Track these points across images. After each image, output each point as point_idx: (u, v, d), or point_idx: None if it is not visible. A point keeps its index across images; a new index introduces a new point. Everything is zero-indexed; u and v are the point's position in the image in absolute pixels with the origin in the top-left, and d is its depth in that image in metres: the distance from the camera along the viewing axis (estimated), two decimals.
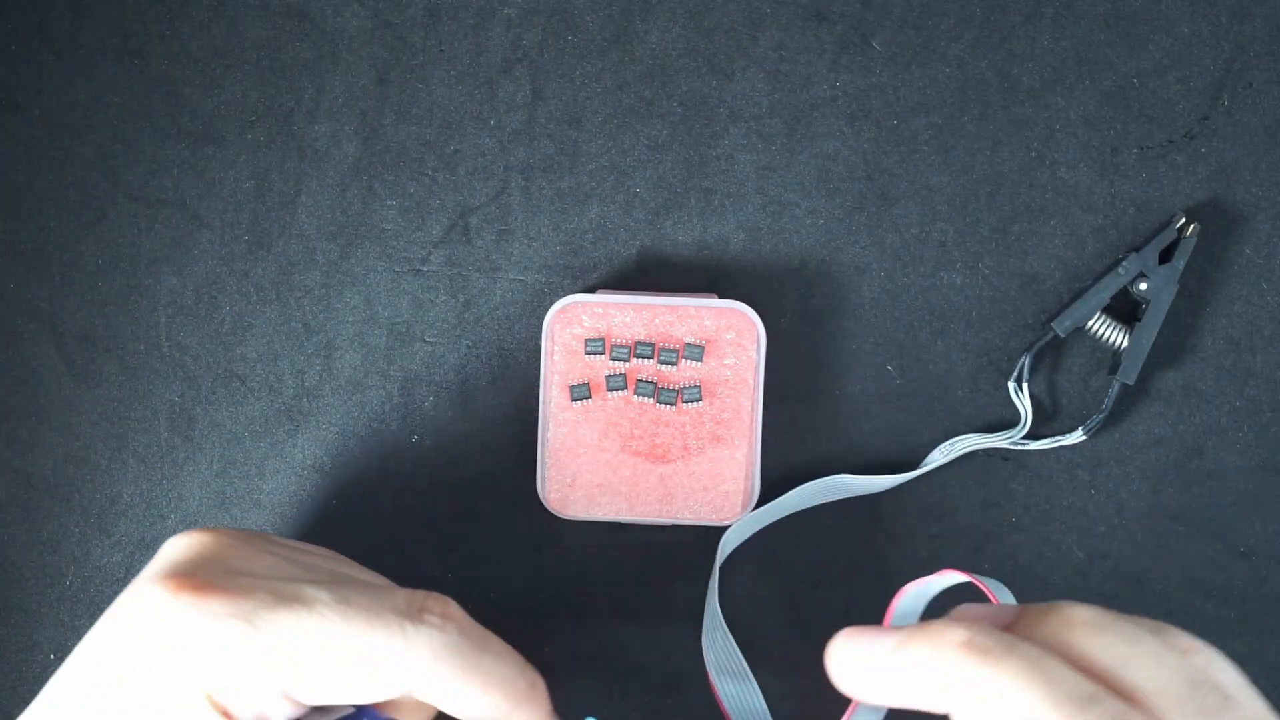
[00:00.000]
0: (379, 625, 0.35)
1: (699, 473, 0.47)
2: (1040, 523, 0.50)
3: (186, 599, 0.35)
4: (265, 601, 0.35)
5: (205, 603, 0.35)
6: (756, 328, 0.47)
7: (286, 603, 0.35)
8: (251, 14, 0.49)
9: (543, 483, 0.47)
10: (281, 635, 0.35)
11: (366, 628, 0.35)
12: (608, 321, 0.47)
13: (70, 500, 0.50)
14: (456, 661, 0.36)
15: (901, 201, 0.49)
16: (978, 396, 0.50)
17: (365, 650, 0.35)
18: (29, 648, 0.50)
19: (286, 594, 0.36)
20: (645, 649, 0.50)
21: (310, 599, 0.35)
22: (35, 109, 0.49)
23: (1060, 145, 0.49)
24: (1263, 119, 0.49)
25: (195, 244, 0.49)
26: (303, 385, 0.50)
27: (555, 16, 0.49)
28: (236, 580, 0.36)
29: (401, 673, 0.35)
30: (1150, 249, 0.48)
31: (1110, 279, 0.48)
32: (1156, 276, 0.48)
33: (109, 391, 0.50)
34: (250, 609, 0.35)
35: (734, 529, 0.48)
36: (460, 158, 0.49)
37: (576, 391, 0.47)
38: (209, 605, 0.35)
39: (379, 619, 0.35)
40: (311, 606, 0.35)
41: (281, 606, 0.35)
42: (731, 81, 0.49)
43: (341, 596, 0.36)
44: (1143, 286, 0.48)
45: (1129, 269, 0.48)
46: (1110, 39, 0.49)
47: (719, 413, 0.47)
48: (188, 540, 0.38)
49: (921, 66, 0.49)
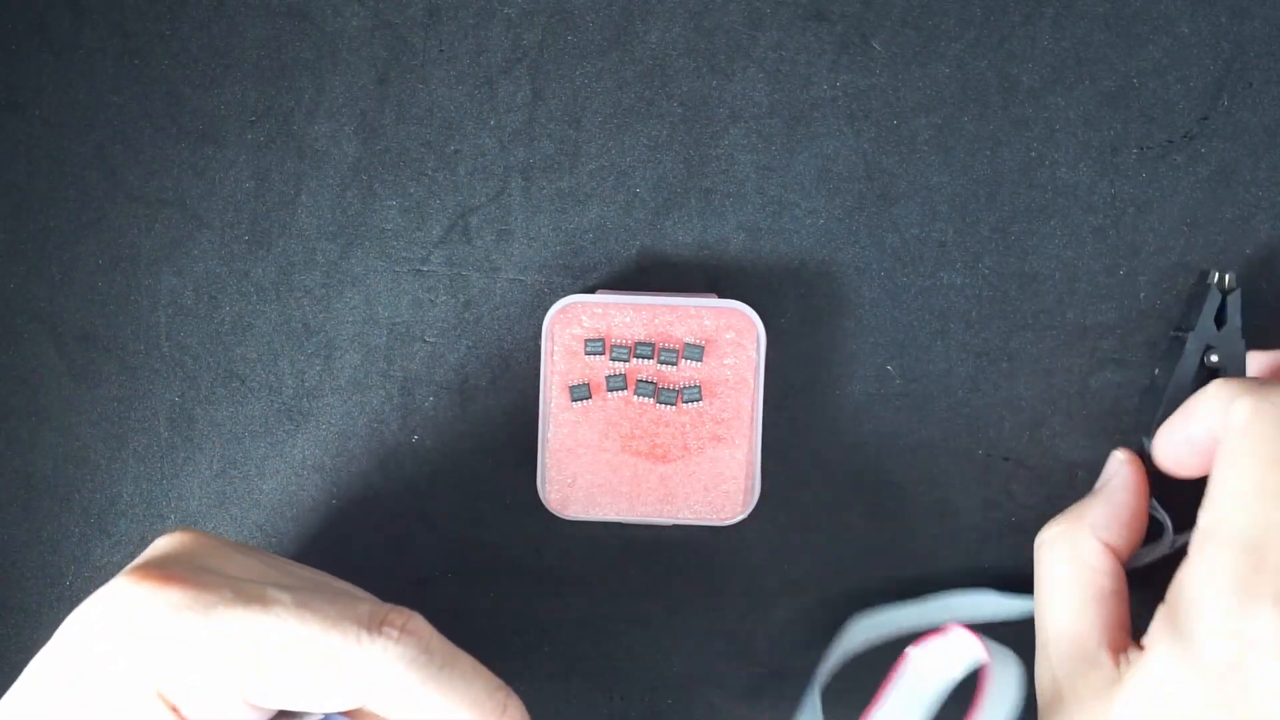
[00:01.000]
0: (334, 631, 0.35)
1: (699, 473, 0.47)
2: (1040, 523, 0.50)
3: (147, 588, 0.35)
4: (225, 598, 0.35)
5: (165, 593, 0.35)
6: (756, 327, 0.47)
7: (246, 601, 0.35)
8: (251, 14, 0.49)
9: (543, 483, 0.47)
10: (237, 632, 0.35)
11: (321, 632, 0.35)
12: (608, 322, 0.47)
13: (70, 500, 0.50)
14: (413, 676, 0.36)
15: (901, 201, 0.49)
16: (978, 396, 0.50)
17: (321, 655, 0.35)
18: (29, 648, 0.50)
19: (248, 593, 0.36)
20: (645, 650, 0.50)
21: (271, 599, 0.35)
22: (35, 109, 0.49)
23: (1060, 145, 0.49)
24: (1263, 119, 0.49)
25: (195, 244, 0.49)
26: (303, 385, 0.50)
27: (555, 16, 0.49)
28: (201, 575, 0.36)
29: (357, 682, 0.35)
30: (1203, 320, 0.47)
31: (1181, 368, 0.46)
32: (1223, 343, 0.47)
33: (109, 391, 0.50)
34: (209, 603, 0.35)
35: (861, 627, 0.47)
36: (460, 158, 0.49)
37: (576, 392, 0.47)
38: (168, 595, 0.35)
39: (335, 625, 0.35)
40: (270, 607, 0.35)
41: (240, 604, 0.35)
42: (731, 81, 0.49)
43: (302, 600, 0.36)
44: (1214, 358, 0.47)
45: (1195, 348, 0.47)
46: (1110, 39, 0.49)
47: (719, 412, 0.47)
48: (169, 538, 0.38)
49: (921, 66, 0.49)
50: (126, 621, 0.35)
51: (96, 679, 0.35)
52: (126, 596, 0.35)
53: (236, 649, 0.35)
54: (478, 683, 0.37)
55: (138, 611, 0.35)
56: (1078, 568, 0.43)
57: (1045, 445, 0.50)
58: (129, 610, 0.35)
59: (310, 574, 0.40)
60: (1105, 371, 0.50)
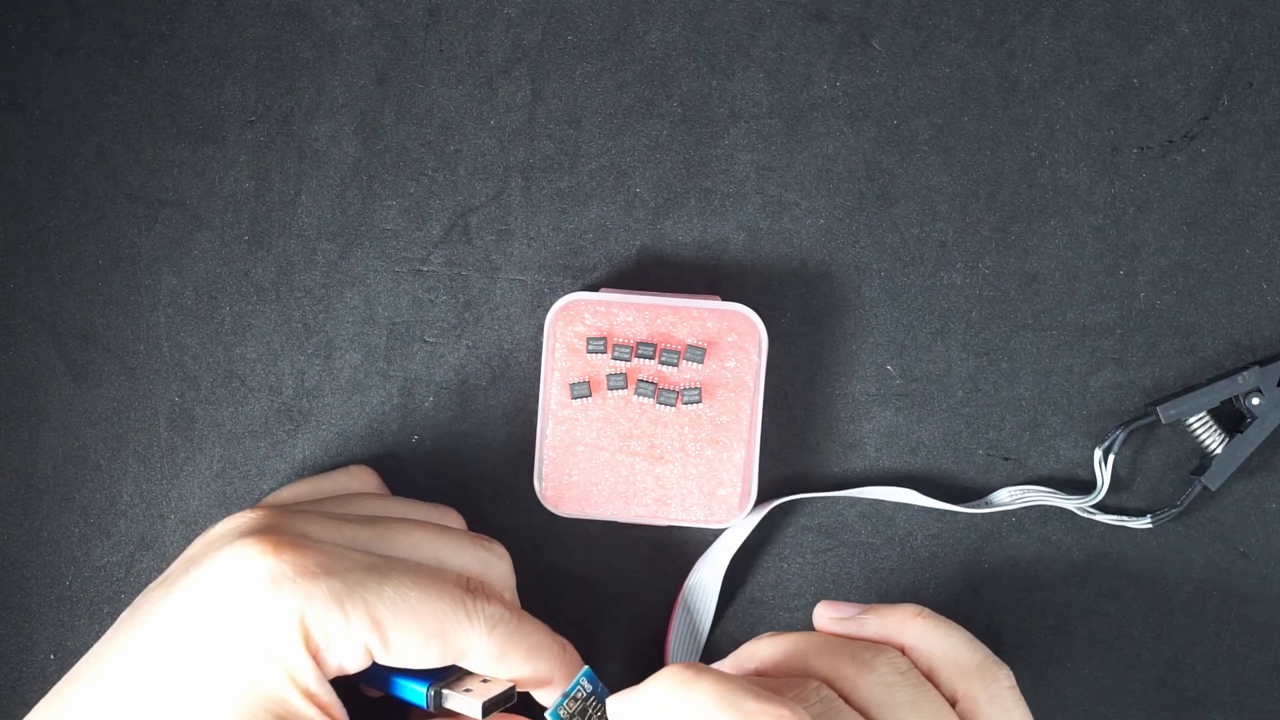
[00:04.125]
0: (445, 597, 0.40)
1: (696, 475, 0.47)
2: (1040, 523, 0.50)
3: (287, 556, 0.39)
4: (351, 565, 0.39)
5: (302, 559, 0.39)
6: (759, 331, 0.47)
7: (368, 570, 0.39)
8: (251, 14, 0.49)
9: (540, 478, 0.47)
10: (368, 597, 0.39)
11: (435, 598, 0.40)
12: (610, 320, 0.47)
13: (70, 500, 0.50)
14: (504, 632, 0.41)
15: (901, 201, 0.49)
16: (978, 396, 0.50)
17: (432, 617, 0.39)
18: (29, 648, 0.50)
19: (364, 562, 0.40)
20: (644, 647, 0.50)
21: (387, 568, 0.40)
22: (35, 109, 0.49)
23: (1060, 145, 0.49)
24: (1263, 119, 0.49)
25: (195, 244, 0.49)
26: (303, 385, 0.50)
27: (555, 16, 0.49)
28: (318, 544, 0.40)
29: (458, 640, 0.40)
30: (1273, 370, 0.48)
31: (1226, 384, 0.48)
32: (1270, 397, 0.47)
33: (109, 391, 0.50)
34: (342, 570, 0.39)
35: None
36: (460, 158, 0.49)
37: (577, 389, 0.47)
38: (304, 562, 0.39)
39: (445, 591, 0.40)
40: (387, 574, 0.39)
41: (367, 572, 0.39)
42: (731, 81, 0.49)
43: (412, 567, 0.40)
44: (1254, 401, 0.48)
45: (1247, 380, 0.47)
46: (1110, 39, 0.49)
47: (718, 415, 0.47)
48: (249, 513, 0.41)
49: (921, 66, 0.49)
50: (274, 586, 0.38)
51: (248, 635, 0.38)
52: (270, 563, 0.39)
53: (368, 611, 0.39)
54: (544, 629, 0.42)
55: (285, 577, 0.38)
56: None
57: (1045, 445, 0.50)
58: (278, 576, 0.38)
59: (365, 507, 0.45)
60: (1105, 371, 0.50)
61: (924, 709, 0.39)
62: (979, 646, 0.42)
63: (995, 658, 0.41)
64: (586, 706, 0.42)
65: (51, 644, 0.50)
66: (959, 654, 0.41)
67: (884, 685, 0.39)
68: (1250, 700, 0.50)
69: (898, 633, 0.42)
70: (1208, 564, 0.50)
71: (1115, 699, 0.50)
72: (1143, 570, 0.50)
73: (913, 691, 0.40)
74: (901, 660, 0.41)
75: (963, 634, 0.42)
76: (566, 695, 0.42)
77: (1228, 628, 0.50)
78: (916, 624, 0.42)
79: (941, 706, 0.40)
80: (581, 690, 0.42)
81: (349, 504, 0.46)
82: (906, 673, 0.40)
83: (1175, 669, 0.50)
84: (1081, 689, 0.50)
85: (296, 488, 0.47)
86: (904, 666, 0.40)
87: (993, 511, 0.49)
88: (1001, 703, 0.40)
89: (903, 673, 0.40)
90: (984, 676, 0.41)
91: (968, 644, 0.42)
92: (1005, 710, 0.40)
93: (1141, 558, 0.50)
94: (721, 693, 0.36)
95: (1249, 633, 0.50)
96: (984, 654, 0.41)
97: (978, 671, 0.41)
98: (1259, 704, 0.49)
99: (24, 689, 0.49)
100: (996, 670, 0.41)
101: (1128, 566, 0.50)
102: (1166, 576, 0.50)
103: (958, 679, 0.41)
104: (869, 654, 0.40)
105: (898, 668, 0.40)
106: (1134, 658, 0.50)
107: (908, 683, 0.40)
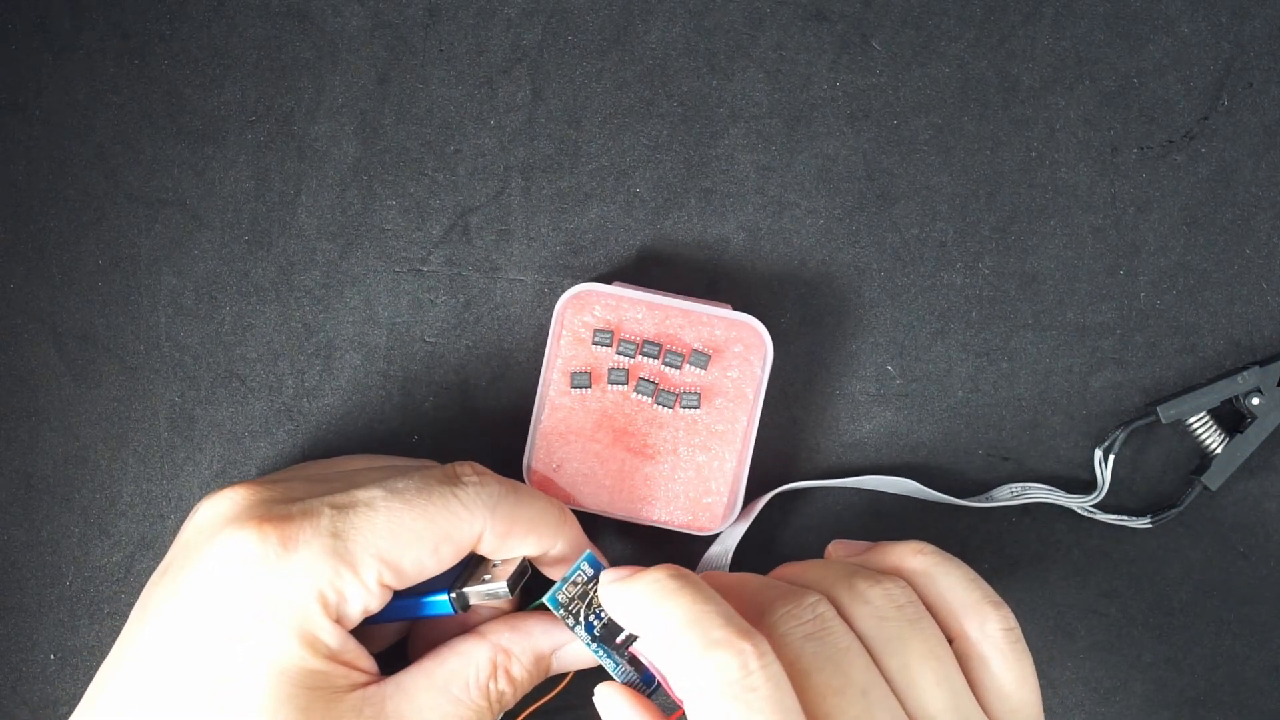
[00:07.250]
0: (435, 498, 0.40)
1: (684, 479, 0.47)
2: (1040, 523, 0.50)
3: (274, 535, 0.38)
4: (340, 516, 0.39)
5: (291, 531, 0.38)
6: (765, 345, 0.47)
7: (355, 512, 0.39)
8: (251, 14, 0.49)
9: (529, 463, 0.47)
10: (364, 539, 0.39)
11: (427, 503, 0.39)
12: (619, 315, 0.47)
13: (70, 500, 0.50)
14: (504, 509, 0.41)
15: (901, 201, 0.49)
16: (978, 396, 0.50)
17: (432, 524, 0.39)
18: (29, 648, 0.50)
19: (342, 502, 0.39)
20: None
21: (366, 499, 0.39)
22: (35, 109, 0.49)
23: (1060, 145, 0.49)
24: (1263, 119, 0.49)
25: (195, 244, 0.49)
26: (303, 385, 0.50)
27: (555, 16, 0.49)
28: (297, 506, 0.39)
29: (465, 533, 0.40)
30: (1273, 370, 0.48)
31: (1226, 384, 0.48)
32: (1270, 397, 0.48)
33: (109, 391, 0.50)
34: (326, 524, 0.39)
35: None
36: (460, 158, 0.49)
37: (577, 379, 0.47)
38: (293, 533, 0.38)
39: (433, 493, 0.40)
40: (372, 504, 0.39)
41: (355, 515, 0.39)
42: (731, 81, 0.49)
43: (389, 488, 0.40)
44: (1254, 401, 0.48)
45: (1247, 380, 0.48)
46: (1110, 39, 0.49)
47: (714, 423, 0.47)
48: (228, 494, 0.41)
49: (921, 66, 0.49)
50: (274, 565, 0.38)
51: (261, 616, 0.38)
52: (262, 543, 0.38)
53: (366, 550, 0.38)
54: (542, 498, 0.43)
55: (281, 553, 0.38)
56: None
57: (1045, 445, 0.50)
58: (273, 553, 0.38)
59: (350, 462, 0.45)
60: (1105, 371, 0.50)
61: (913, 646, 0.39)
62: (978, 586, 0.41)
63: (994, 598, 0.40)
64: (587, 590, 0.41)
65: (51, 644, 0.50)
66: (955, 592, 0.41)
67: (876, 618, 0.39)
68: (1250, 700, 0.50)
69: (897, 570, 0.41)
70: (1208, 564, 0.50)
71: (1115, 699, 0.50)
72: (1143, 570, 0.50)
73: (904, 627, 0.39)
74: (901, 593, 0.40)
75: (961, 572, 0.41)
76: (566, 580, 0.41)
77: (1228, 628, 0.50)
78: (916, 560, 0.41)
79: (936, 645, 0.39)
80: (581, 574, 0.41)
81: (329, 466, 0.46)
82: (904, 606, 0.39)
83: (1175, 669, 0.50)
84: (1082, 689, 0.50)
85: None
86: (902, 600, 0.39)
87: (994, 506, 0.49)
88: (995, 644, 0.40)
89: (899, 606, 0.39)
90: (977, 616, 0.40)
91: (965, 582, 0.41)
92: (999, 652, 0.40)
93: (1141, 558, 0.50)
94: (694, 614, 0.36)
95: (1249, 633, 0.50)
96: (981, 594, 0.40)
97: (972, 610, 0.40)
98: (1259, 704, 0.50)
99: (24, 689, 0.49)
100: (990, 611, 0.40)
101: (1128, 566, 0.50)
102: (1166, 576, 0.50)
103: (951, 618, 0.40)
104: (866, 584, 0.40)
105: (894, 600, 0.39)
106: (1134, 658, 0.50)
107: (903, 617, 0.39)
